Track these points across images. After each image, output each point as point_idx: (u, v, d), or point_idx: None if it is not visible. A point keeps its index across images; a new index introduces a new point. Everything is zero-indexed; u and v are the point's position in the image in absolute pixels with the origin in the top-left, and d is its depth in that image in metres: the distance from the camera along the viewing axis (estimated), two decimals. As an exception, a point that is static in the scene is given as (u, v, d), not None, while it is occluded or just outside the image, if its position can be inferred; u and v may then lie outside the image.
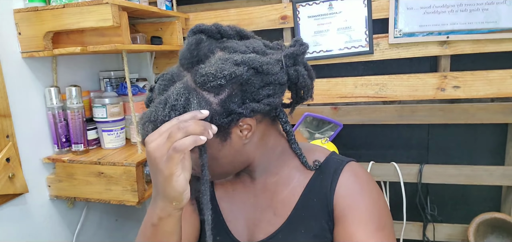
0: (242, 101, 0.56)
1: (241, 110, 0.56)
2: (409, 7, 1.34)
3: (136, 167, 1.16)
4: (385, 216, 0.64)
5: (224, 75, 0.54)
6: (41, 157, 1.23)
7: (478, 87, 1.35)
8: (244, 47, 0.59)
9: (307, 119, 1.47)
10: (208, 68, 0.55)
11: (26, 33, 1.14)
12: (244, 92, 0.56)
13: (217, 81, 0.54)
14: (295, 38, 0.63)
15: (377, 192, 0.65)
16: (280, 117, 0.66)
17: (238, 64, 0.55)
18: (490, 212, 1.40)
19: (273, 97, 0.58)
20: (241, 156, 0.63)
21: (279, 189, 0.68)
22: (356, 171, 0.66)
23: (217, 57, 0.57)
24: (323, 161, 0.69)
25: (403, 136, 1.55)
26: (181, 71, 0.59)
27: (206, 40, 0.59)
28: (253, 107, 0.57)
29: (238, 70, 0.54)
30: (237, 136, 0.59)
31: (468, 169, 1.43)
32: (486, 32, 1.29)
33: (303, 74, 0.62)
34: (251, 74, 0.55)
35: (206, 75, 0.54)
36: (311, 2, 1.43)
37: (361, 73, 1.50)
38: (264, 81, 0.57)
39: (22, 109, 1.15)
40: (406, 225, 1.52)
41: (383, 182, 1.55)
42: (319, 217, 0.65)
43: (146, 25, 1.51)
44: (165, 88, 0.58)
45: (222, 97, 0.56)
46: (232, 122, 0.57)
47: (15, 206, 1.14)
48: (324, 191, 0.65)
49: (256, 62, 0.56)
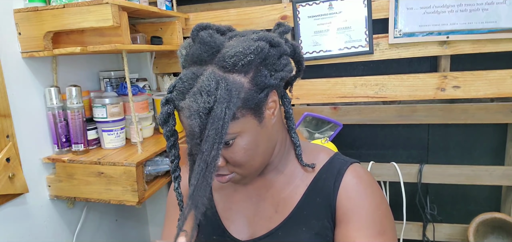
0: (270, 74, 0.60)
1: (273, 81, 0.59)
2: (409, 7, 1.34)
3: (136, 167, 1.16)
4: (387, 220, 0.64)
5: (252, 50, 0.56)
6: (41, 157, 1.24)
7: (478, 87, 1.35)
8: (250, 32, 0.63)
9: (307, 119, 1.47)
10: (234, 49, 0.56)
11: (26, 33, 1.14)
12: (267, 65, 0.59)
13: (247, 58, 0.56)
14: (277, 23, 0.67)
15: (380, 195, 0.66)
16: (285, 98, 0.70)
17: (258, 40, 0.58)
18: (490, 212, 1.40)
19: (289, 65, 0.64)
20: (272, 141, 0.65)
21: (282, 187, 0.69)
22: (360, 173, 0.67)
23: (236, 41, 0.59)
24: (327, 160, 0.69)
25: (403, 136, 1.55)
26: (201, 68, 0.58)
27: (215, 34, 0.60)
28: (281, 76, 0.61)
29: (261, 44, 0.57)
30: (268, 116, 0.62)
31: (468, 169, 1.43)
32: (486, 32, 1.29)
33: (296, 46, 0.67)
34: (269, 47, 0.59)
35: (236, 55, 0.56)
36: (311, 2, 1.44)
37: (361, 73, 1.50)
38: (279, 52, 0.61)
39: (22, 109, 1.15)
40: (406, 225, 1.52)
41: (383, 182, 1.55)
42: (321, 216, 0.65)
43: (146, 25, 1.51)
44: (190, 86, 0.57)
45: (251, 75, 0.58)
46: (267, 97, 0.60)
47: (15, 206, 1.14)
48: (327, 191, 0.65)
49: (269, 37, 0.60)
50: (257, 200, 0.71)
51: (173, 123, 0.61)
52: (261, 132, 0.61)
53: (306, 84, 1.52)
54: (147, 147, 1.31)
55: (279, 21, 0.68)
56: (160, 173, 1.35)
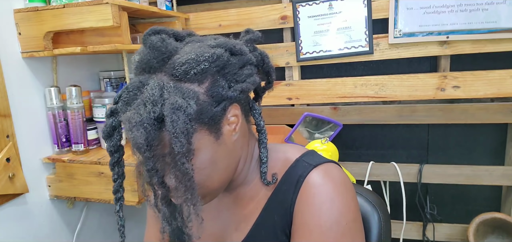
0: (228, 85, 0.53)
1: (231, 93, 0.53)
2: (409, 7, 1.34)
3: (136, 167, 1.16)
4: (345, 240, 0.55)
5: (206, 58, 0.50)
6: (41, 157, 1.24)
7: (478, 87, 1.35)
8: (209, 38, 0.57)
9: (307, 119, 1.47)
10: (186, 56, 0.50)
11: (26, 33, 1.14)
12: (226, 75, 0.53)
13: (200, 66, 0.50)
14: (245, 29, 0.62)
15: (341, 209, 0.55)
16: (254, 109, 0.62)
17: (215, 47, 0.53)
18: (490, 212, 1.40)
19: (253, 76, 0.57)
20: (234, 158, 0.59)
21: (245, 203, 0.64)
22: (321, 180, 0.57)
23: (190, 47, 0.53)
24: (290, 166, 0.61)
25: (403, 136, 1.55)
26: (150, 76, 0.52)
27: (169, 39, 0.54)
28: (241, 87, 0.54)
29: (218, 51, 0.52)
30: (227, 130, 0.55)
31: (468, 169, 1.43)
32: (486, 32, 1.29)
33: (265, 55, 0.61)
34: (228, 55, 0.53)
35: (187, 62, 0.50)
36: (311, 2, 1.44)
37: (361, 73, 1.50)
38: (241, 61, 0.55)
39: (22, 109, 1.16)
40: (406, 225, 1.52)
41: (383, 181, 1.55)
42: (279, 234, 0.58)
43: (146, 25, 1.51)
44: (135, 96, 0.51)
45: (207, 85, 0.51)
46: (224, 111, 0.53)
47: (15, 206, 1.14)
48: (285, 206, 0.58)
49: (229, 44, 0.54)
50: (223, 217, 0.66)
51: (119, 137, 0.54)
52: (219, 149, 0.54)
53: (306, 85, 1.52)
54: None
55: (248, 28, 0.62)
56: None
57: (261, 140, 0.63)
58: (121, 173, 0.57)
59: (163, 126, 0.48)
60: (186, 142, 0.48)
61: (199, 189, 0.53)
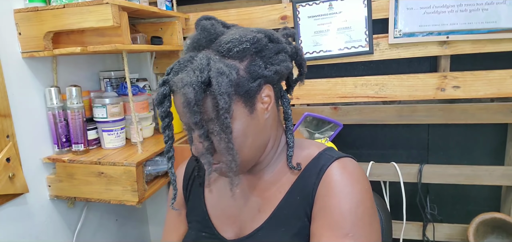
0: (265, 65, 0.61)
1: (267, 72, 0.61)
2: (409, 7, 1.34)
3: (136, 167, 1.16)
4: (361, 224, 0.58)
5: (248, 39, 0.59)
6: (41, 157, 1.24)
7: (478, 87, 1.35)
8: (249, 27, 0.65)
9: (307, 119, 1.47)
10: (231, 36, 0.60)
11: (26, 33, 1.14)
12: (263, 57, 0.61)
13: (242, 45, 0.58)
14: (283, 27, 0.71)
15: (360, 197, 0.60)
16: (285, 98, 0.70)
17: (256, 32, 0.61)
18: (490, 212, 1.40)
19: (286, 62, 0.64)
20: (264, 136, 0.65)
21: (267, 186, 0.69)
22: (343, 170, 0.63)
23: (235, 30, 0.62)
24: (314, 156, 0.67)
25: (403, 136, 1.55)
26: (198, 53, 0.61)
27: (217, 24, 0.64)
28: (275, 69, 0.62)
29: (258, 35, 0.60)
30: (260, 108, 0.62)
31: (468, 169, 1.43)
32: (486, 32, 1.29)
33: (299, 48, 0.68)
34: (267, 41, 0.62)
35: (232, 41, 0.59)
36: (311, 2, 1.44)
37: (361, 73, 1.50)
38: (277, 48, 0.63)
39: (22, 109, 1.16)
40: (406, 224, 1.52)
41: (383, 182, 1.55)
42: (301, 215, 0.63)
43: (146, 25, 1.51)
44: (185, 67, 0.60)
45: (246, 63, 0.60)
46: (259, 87, 0.60)
47: (15, 206, 1.14)
48: (308, 190, 0.63)
49: (268, 32, 0.63)
50: (244, 199, 0.71)
51: (168, 104, 0.62)
52: (251, 123, 0.61)
53: (306, 85, 1.52)
54: (147, 147, 1.31)
55: (285, 26, 0.71)
56: (160, 173, 1.35)
57: (288, 127, 0.70)
58: (171, 135, 0.66)
59: (208, 89, 0.57)
60: (229, 100, 0.56)
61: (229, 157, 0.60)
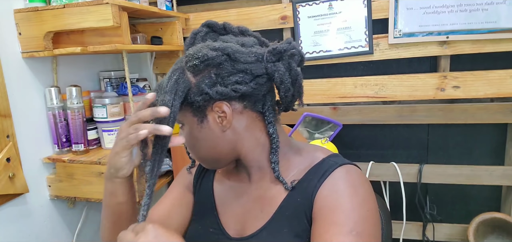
0: (213, 83, 0.61)
1: (209, 90, 0.61)
2: (409, 7, 1.34)
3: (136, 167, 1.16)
4: (365, 223, 0.58)
5: (199, 56, 0.60)
6: (41, 157, 1.24)
7: (478, 87, 1.35)
8: (234, 41, 0.64)
9: (307, 119, 1.47)
10: (191, 50, 0.63)
11: (26, 33, 1.14)
12: (217, 76, 0.61)
13: (193, 62, 0.60)
14: (288, 39, 0.64)
15: (363, 198, 0.61)
16: (266, 116, 0.66)
17: (214, 49, 0.61)
18: (490, 212, 1.40)
19: (241, 84, 0.61)
20: (224, 143, 0.66)
21: (270, 186, 0.69)
22: (347, 174, 0.63)
23: (200, 45, 0.64)
24: (319, 161, 0.67)
25: (403, 136, 1.55)
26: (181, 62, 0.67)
27: (208, 34, 0.67)
28: (219, 90, 0.61)
29: (211, 53, 0.60)
30: (214, 120, 0.64)
31: (468, 169, 1.43)
32: (485, 32, 1.29)
33: (281, 72, 0.61)
34: (223, 59, 0.60)
35: (188, 55, 0.62)
36: (311, 2, 1.44)
37: (361, 73, 1.50)
38: (235, 68, 0.61)
39: (22, 109, 1.16)
40: (405, 225, 1.52)
41: (383, 182, 1.55)
42: (302, 216, 0.63)
43: (146, 25, 1.51)
44: None
45: (199, 78, 0.62)
46: (205, 102, 0.62)
47: (15, 206, 1.14)
48: (309, 191, 0.63)
49: (229, 50, 0.60)
50: (248, 198, 0.72)
51: None
52: (201, 131, 0.65)
53: (306, 85, 1.50)
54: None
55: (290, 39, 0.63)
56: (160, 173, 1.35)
57: (271, 147, 0.67)
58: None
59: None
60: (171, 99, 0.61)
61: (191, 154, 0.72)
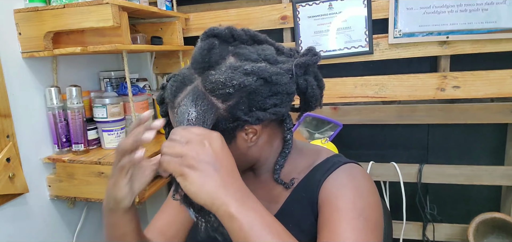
0: (249, 109, 0.57)
1: (247, 118, 0.58)
2: (409, 7, 1.34)
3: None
4: (371, 210, 0.59)
5: (233, 84, 0.55)
6: (41, 157, 1.24)
7: (478, 87, 1.35)
8: (256, 55, 0.59)
9: (307, 119, 1.47)
10: (218, 75, 0.56)
11: (26, 33, 1.14)
12: (252, 100, 0.57)
13: (225, 90, 0.55)
14: (308, 47, 0.63)
15: (368, 190, 0.62)
16: (286, 123, 0.66)
17: (248, 74, 0.56)
18: (490, 212, 1.40)
19: (279, 106, 0.59)
20: (246, 157, 0.65)
21: (275, 185, 0.69)
22: (351, 171, 0.64)
23: (228, 65, 0.58)
24: (323, 160, 0.68)
25: (403, 136, 1.55)
26: (192, 74, 0.60)
27: (219, 46, 0.59)
28: (258, 115, 0.58)
29: (247, 80, 0.55)
30: (242, 139, 0.61)
31: (468, 169, 1.43)
32: (485, 32, 1.29)
33: (312, 84, 0.62)
34: (259, 84, 0.56)
35: (216, 82, 0.56)
36: (311, 2, 1.44)
37: (361, 73, 1.50)
38: (272, 91, 0.58)
39: (22, 109, 1.15)
40: (405, 225, 1.52)
41: (383, 182, 1.55)
42: (307, 211, 0.64)
43: (146, 25, 1.51)
44: (176, 90, 0.59)
45: (230, 104, 0.57)
46: (237, 127, 0.59)
47: (15, 206, 1.14)
48: (314, 186, 0.64)
49: (265, 73, 0.56)
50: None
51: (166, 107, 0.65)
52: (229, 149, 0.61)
53: (306, 84, 1.51)
54: (147, 147, 1.31)
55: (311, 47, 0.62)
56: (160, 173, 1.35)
57: (283, 151, 0.68)
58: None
59: None
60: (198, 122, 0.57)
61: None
